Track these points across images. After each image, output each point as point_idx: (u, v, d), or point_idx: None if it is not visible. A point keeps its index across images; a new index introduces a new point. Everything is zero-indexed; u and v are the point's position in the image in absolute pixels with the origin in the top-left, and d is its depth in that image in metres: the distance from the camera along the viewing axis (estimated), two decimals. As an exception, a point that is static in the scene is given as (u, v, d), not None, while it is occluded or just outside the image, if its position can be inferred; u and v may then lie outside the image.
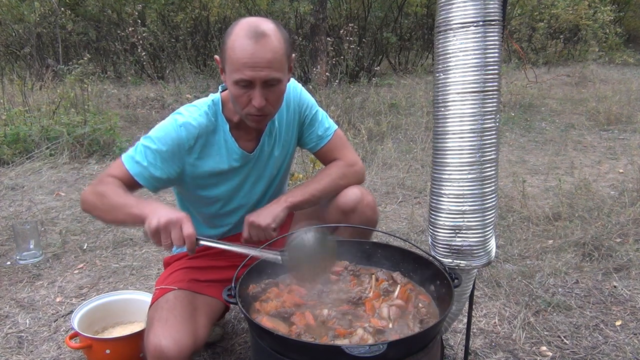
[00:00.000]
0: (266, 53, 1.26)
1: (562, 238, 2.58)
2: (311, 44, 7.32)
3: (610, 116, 5.33)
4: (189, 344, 1.28)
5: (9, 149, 4.19)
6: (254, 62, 1.26)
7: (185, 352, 1.27)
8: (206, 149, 1.45)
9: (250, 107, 1.33)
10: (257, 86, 1.29)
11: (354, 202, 1.53)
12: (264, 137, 1.53)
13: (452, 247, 1.31)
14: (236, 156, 1.48)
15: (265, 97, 1.31)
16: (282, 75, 1.32)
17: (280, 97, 1.38)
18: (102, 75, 7.20)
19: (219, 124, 1.47)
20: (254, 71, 1.26)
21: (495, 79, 1.23)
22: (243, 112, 1.36)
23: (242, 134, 1.50)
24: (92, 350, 1.60)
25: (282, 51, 1.30)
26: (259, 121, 1.38)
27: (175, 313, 1.34)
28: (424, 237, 2.67)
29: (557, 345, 1.79)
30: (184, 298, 1.41)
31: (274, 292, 1.22)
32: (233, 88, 1.32)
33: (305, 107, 1.59)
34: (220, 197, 1.55)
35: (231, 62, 1.28)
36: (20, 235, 2.48)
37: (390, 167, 3.97)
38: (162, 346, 1.24)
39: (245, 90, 1.30)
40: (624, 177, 3.58)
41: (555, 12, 9.37)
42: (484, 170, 1.26)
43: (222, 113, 1.47)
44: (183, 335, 1.28)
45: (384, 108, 5.62)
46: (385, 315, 1.13)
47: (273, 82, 1.31)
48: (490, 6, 1.19)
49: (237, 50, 1.26)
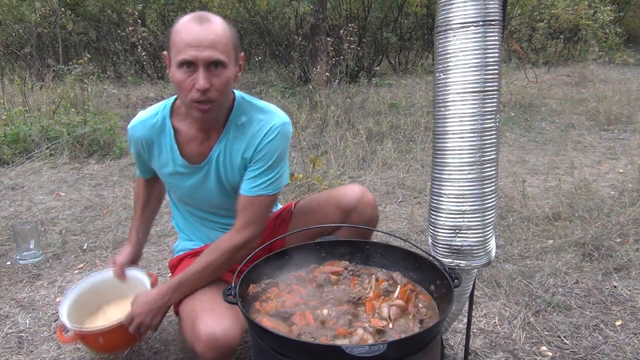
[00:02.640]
0: (209, 34, 1.27)
1: (562, 238, 2.58)
2: (311, 44, 7.32)
3: (610, 116, 5.33)
4: (238, 329, 1.31)
5: (9, 149, 4.19)
6: (197, 41, 1.26)
7: (238, 337, 1.31)
8: (154, 149, 1.51)
9: (193, 92, 1.30)
10: (200, 67, 1.28)
11: (354, 201, 1.55)
12: (215, 150, 1.46)
13: (452, 247, 1.31)
14: (180, 163, 1.49)
15: (209, 81, 1.29)
16: (226, 59, 1.31)
17: (226, 85, 1.34)
18: (102, 75, 7.20)
19: (166, 129, 1.48)
20: (197, 50, 1.26)
21: (495, 79, 1.23)
22: (187, 100, 1.33)
23: (193, 137, 1.47)
24: (86, 340, 1.58)
25: (226, 38, 1.31)
26: (204, 110, 1.33)
27: (217, 302, 1.34)
28: (424, 237, 2.67)
29: (557, 345, 1.79)
30: (218, 288, 1.41)
31: (274, 292, 1.22)
32: (177, 73, 1.30)
33: (262, 153, 1.43)
34: (186, 199, 1.60)
35: (175, 45, 1.29)
36: (20, 235, 2.48)
37: (390, 167, 3.97)
38: (216, 334, 1.27)
39: (188, 73, 1.29)
40: (624, 177, 3.58)
41: (555, 12, 9.37)
42: (484, 170, 1.26)
43: (169, 118, 1.48)
44: (232, 322, 1.31)
45: (384, 108, 5.62)
46: (385, 315, 1.13)
47: (217, 64, 1.29)
48: (490, 6, 1.19)
49: (182, 33, 1.28)
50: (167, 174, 1.54)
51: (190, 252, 1.65)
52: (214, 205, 1.58)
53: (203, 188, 1.52)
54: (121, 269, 1.69)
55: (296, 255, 1.36)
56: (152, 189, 1.74)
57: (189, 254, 1.64)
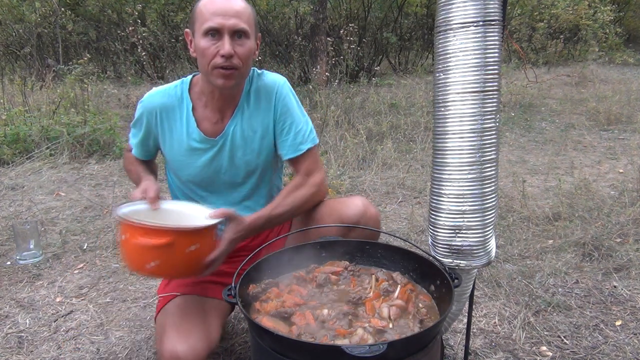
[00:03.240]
0: (234, 5, 1.36)
1: (562, 238, 2.58)
2: (311, 44, 7.32)
3: (610, 116, 5.34)
4: (204, 347, 1.29)
5: (9, 149, 4.19)
6: (223, 10, 1.33)
7: (201, 356, 1.28)
8: (166, 124, 1.51)
9: (217, 58, 1.35)
10: (225, 34, 1.34)
11: (357, 215, 1.49)
12: (230, 124, 1.50)
13: (452, 247, 1.31)
14: (196, 137, 1.49)
15: (233, 49, 1.35)
16: (249, 30, 1.38)
17: (248, 56, 1.40)
18: (102, 75, 7.19)
19: (183, 102, 1.50)
20: (223, 19, 1.33)
21: (495, 79, 1.23)
22: (210, 66, 1.37)
23: (207, 117, 1.50)
24: (174, 247, 1.18)
25: (249, 11, 1.39)
26: (227, 76, 1.37)
27: (187, 318, 1.34)
28: (424, 237, 2.67)
29: (557, 345, 1.79)
30: (192, 302, 1.41)
31: (274, 292, 1.22)
32: (202, 41, 1.35)
33: (283, 112, 1.51)
34: (193, 179, 1.55)
35: (201, 15, 1.35)
36: (20, 235, 2.48)
37: (390, 167, 3.97)
38: (177, 351, 1.25)
39: (213, 41, 1.35)
40: (624, 177, 3.58)
41: (555, 12, 9.38)
42: (484, 170, 1.26)
43: (187, 92, 1.50)
44: (197, 339, 1.29)
45: (384, 108, 5.62)
46: (385, 316, 1.13)
47: (241, 34, 1.36)
48: (490, 6, 1.19)
49: (208, 4, 1.36)
50: (179, 152, 1.51)
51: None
52: (218, 184, 1.56)
53: (213, 165, 1.52)
54: (156, 198, 1.36)
55: (296, 255, 1.36)
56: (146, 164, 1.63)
57: None
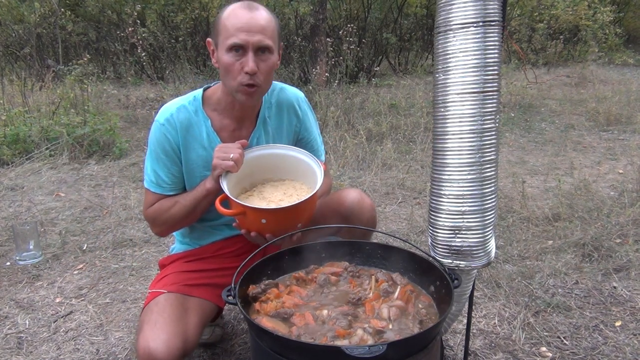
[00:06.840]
0: (260, 20, 1.35)
1: (562, 239, 2.58)
2: (311, 45, 7.31)
3: (609, 117, 5.34)
4: (179, 345, 1.28)
5: (8, 150, 4.19)
6: (248, 26, 1.33)
7: (175, 353, 1.27)
8: (189, 142, 1.48)
9: (242, 76, 1.35)
10: (249, 51, 1.34)
11: (352, 205, 1.53)
12: (254, 135, 1.53)
13: (452, 248, 1.31)
14: None
15: (257, 65, 1.35)
16: (273, 45, 1.38)
17: (271, 72, 1.41)
18: (101, 75, 7.19)
19: (200, 119, 1.49)
20: (248, 35, 1.33)
21: (495, 80, 1.23)
22: (235, 83, 1.37)
23: (224, 126, 1.50)
24: (247, 218, 1.38)
25: (273, 25, 1.38)
26: (250, 93, 1.39)
27: (164, 315, 1.34)
28: (424, 238, 2.67)
29: (557, 345, 1.79)
30: (174, 300, 1.41)
31: (273, 293, 1.22)
32: (226, 57, 1.35)
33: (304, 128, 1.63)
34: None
35: (225, 30, 1.34)
36: (19, 235, 2.48)
37: (390, 167, 3.97)
38: (150, 348, 1.25)
39: (237, 57, 1.35)
40: (624, 178, 3.58)
41: (555, 13, 9.39)
42: (483, 171, 1.26)
43: (202, 109, 1.49)
44: (172, 337, 1.28)
45: (384, 109, 5.61)
46: (385, 316, 1.13)
47: (265, 50, 1.36)
48: (490, 7, 1.19)
49: (232, 19, 1.34)
50: (202, 165, 1.49)
51: (181, 254, 1.64)
52: None
53: None
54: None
55: (296, 256, 1.36)
56: None
57: (180, 256, 1.64)
